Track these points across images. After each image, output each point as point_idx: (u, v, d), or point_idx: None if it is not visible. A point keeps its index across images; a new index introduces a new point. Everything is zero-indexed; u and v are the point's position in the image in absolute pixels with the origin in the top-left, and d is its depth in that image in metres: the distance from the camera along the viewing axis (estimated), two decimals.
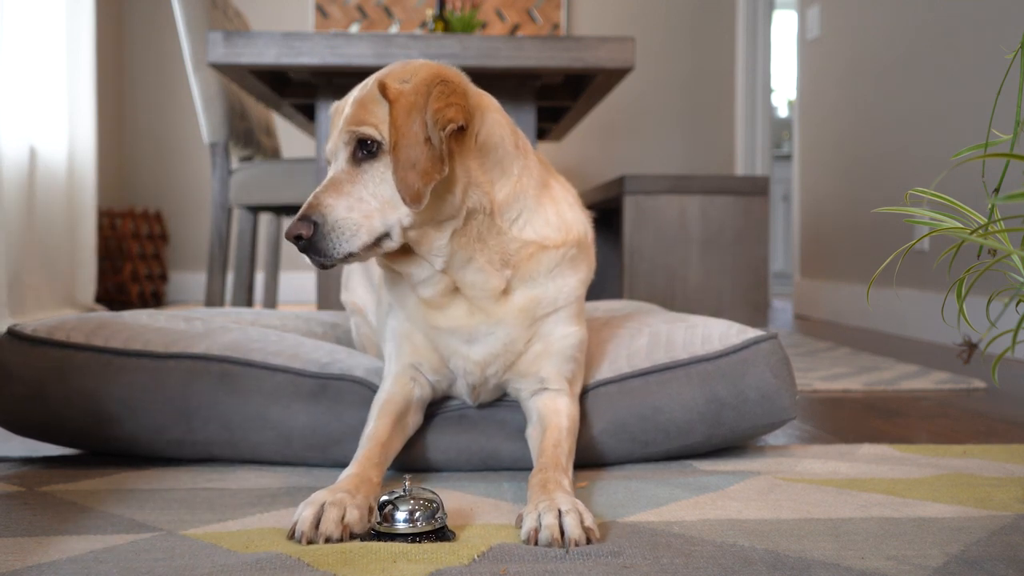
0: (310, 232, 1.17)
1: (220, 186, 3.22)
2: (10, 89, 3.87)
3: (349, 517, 1.06)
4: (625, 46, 2.45)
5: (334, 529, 1.04)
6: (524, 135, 1.38)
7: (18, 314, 3.78)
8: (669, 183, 3.70)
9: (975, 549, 1.03)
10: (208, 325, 1.59)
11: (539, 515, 1.05)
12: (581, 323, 1.38)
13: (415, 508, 1.06)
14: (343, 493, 1.09)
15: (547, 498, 1.09)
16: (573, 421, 1.33)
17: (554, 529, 1.02)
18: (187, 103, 5.69)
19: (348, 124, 1.21)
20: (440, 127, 1.17)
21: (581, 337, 1.38)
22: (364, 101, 1.22)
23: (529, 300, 1.31)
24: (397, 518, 1.05)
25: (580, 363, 1.40)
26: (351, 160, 1.21)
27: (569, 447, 1.28)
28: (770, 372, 1.47)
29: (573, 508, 1.05)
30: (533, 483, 1.16)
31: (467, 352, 1.32)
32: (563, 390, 1.35)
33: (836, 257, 4.62)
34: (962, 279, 1.14)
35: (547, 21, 5.97)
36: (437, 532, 1.06)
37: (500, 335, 1.31)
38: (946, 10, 3.56)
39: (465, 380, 1.35)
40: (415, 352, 1.35)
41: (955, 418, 1.98)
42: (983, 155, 1.09)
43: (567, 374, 1.36)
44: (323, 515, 1.05)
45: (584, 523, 1.04)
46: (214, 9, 3.30)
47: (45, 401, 1.42)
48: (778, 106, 8.34)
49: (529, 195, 1.31)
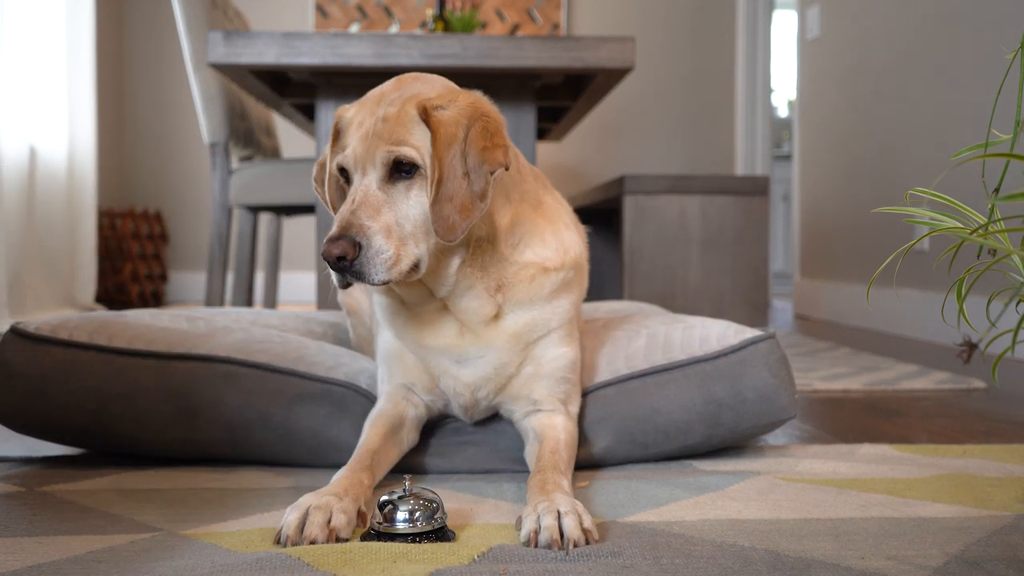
0: (356, 254, 1.13)
1: (220, 186, 3.23)
2: (10, 89, 3.87)
3: (335, 521, 1.05)
4: (625, 46, 2.45)
5: (319, 532, 1.03)
6: (519, 151, 1.37)
7: (18, 314, 3.78)
8: (669, 183, 3.70)
9: (975, 549, 1.03)
10: (211, 325, 1.59)
11: (538, 516, 1.04)
12: (573, 343, 1.36)
13: (415, 508, 1.05)
14: (330, 496, 1.08)
15: (546, 499, 1.08)
16: (571, 435, 1.31)
17: (554, 531, 1.02)
18: (187, 103, 5.70)
19: (386, 142, 1.17)
20: (489, 169, 1.17)
21: (573, 357, 1.36)
22: (401, 120, 1.18)
23: (523, 324, 1.30)
24: (397, 518, 1.05)
25: (574, 383, 1.37)
26: (386, 179, 1.18)
27: (568, 456, 1.27)
28: (768, 372, 1.47)
29: (572, 509, 1.05)
30: (532, 484, 1.16)
31: (456, 373, 1.30)
32: (558, 410, 1.33)
33: (836, 257, 4.62)
34: (962, 279, 1.14)
35: (547, 21, 5.97)
36: (437, 532, 1.06)
37: (491, 359, 1.29)
38: (946, 10, 3.56)
39: (456, 401, 1.34)
40: (406, 373, 1.34)
41: (955, 418, 1.98)
42: (983, 155, 1.09)
43: (560, 395, 1.34)
44: (308, 519, 1.04)
45: (583, 524, 1.04)
46: (214, 9, 3.30)
47: (47, 400, 1.42)
48: (778, 106, 8.34)
49: (527, 217, 1.30)
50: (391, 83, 1.25)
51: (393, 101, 1.20)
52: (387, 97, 1.21)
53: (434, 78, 1.27)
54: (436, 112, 1.18)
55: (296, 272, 5.76)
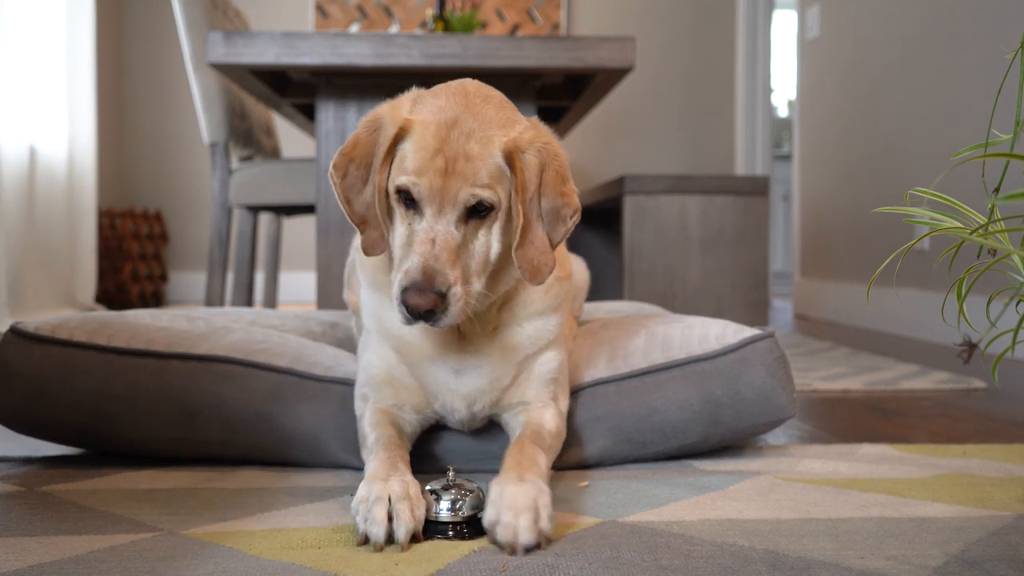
0: (443, 306, 1.11)
1: (220, 186, 3.23)
2: (10, 89, 3.87)
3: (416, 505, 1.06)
4: (625, 46, 2.45)
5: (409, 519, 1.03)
6: None
7: (18, 314, 3.78)
8: (669, 183, 3.70)
9: (975, 549, 1.03)
10: (211, 325, 1.59)
11: (500, 511, 1.03)
12: (561, 347, 1.38)
13: (458, 497, 1.08)
14: (388, 482, 1.07)
15: (515, 476, 1.08)
16: (557, 427, 1.31)
17: (511, 530, 1.02)
18: (187, 103, 5.70)
19: (470, 183, 1.14)
20: (570, 214, 1.20)
21: (561, 359, 1.37)
22: (485, 159, 1.15)
23: (524, 339, 1.31)
24: (441, 507, 1.07)
25: (562, 383, 1.38)
26: (461, 220, 1.15)
27: (551, 442, 1.27)
28: (766, 371, 1.47)
29: (531, 506, 1.04)
30: (509, 453, 1.16)
31: (455, 385, 1.29)
32: (547, 406, 1.34)
33: (836, 257, 4.62)
34: (962, 279, 1.14)
35: (547, 21, 5.97)
36: (479, 522, 1.07)
37: (486, 370, 1.29)
38: (946, 10, 3.56)
39: (453, 416, 1.33)
40: (396, 395, 1.32)
41: (955, 418, 1.98)
42: (983, 155, 1.09)
43: (549, 394, 1.35)
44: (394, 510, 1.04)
45: (539, 524, 1.03)
46: (214, 9, 3.31)
47: (47, 400, 1.42)
48: (778, 106, 8.34)
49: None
50: (459, 103, 1.18)
51: (473, 134, 1.15)
52: (463, 126, 1.15)
53: (497, 97, 1.23)
54: (520, 157, 1.16)
55: (296, 272, 5.76)
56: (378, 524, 1.02)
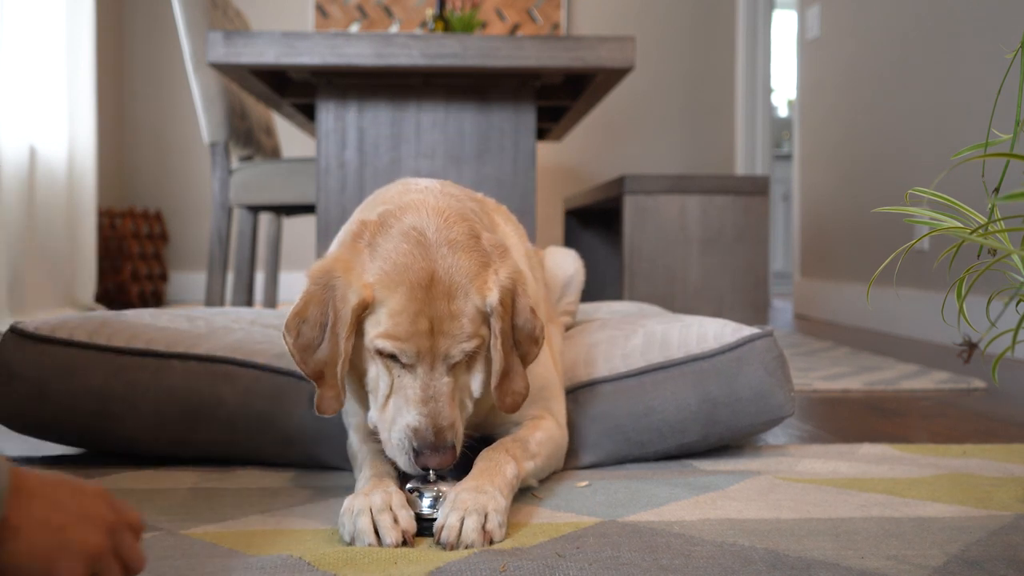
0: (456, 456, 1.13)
1: (220, 186, 3.23)
2: (10, 89, 3.87)
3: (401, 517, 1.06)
4: (625, 46, 2.45)
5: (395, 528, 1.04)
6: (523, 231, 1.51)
7: (18, 314, 3.78)
8: (669, 183, 3.70)
9: (975, 549, 1.03)
10: (211, 325, 1.59)
11: (447, 513, 1.05)
12: (547, 363, 1.37)
13: (438, 495, 1.10)
14: (369, 496, 1.08)
15: (472, 485, 1.09)
16: (549, 434, 1.30)
17: (453, 532, 1.03)
18: (187, 103, 5.69)
19: (458, 340, 1.13)
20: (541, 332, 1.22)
21: (548, 376, 1.36)
22: (468, 313, 1.13)
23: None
24: (423, 504, 1.09)
25: (555, 394, 1.38)
26: (452, 369, 1.14)
27: (536, 449, 1.26)
28: (764, 370, 1.47)
29: (480, 510, 1.05)
30: (480, 458, 1.17)
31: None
32: (544, 416, 1.33)
33: (836, 257, 4.62)
34: (962, 279, 1.14)
35: (547, 21, 5.97)
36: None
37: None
38: (946, 10, 3.56)
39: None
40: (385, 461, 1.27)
41: (955, 418, 1.98)
42: (983, 155, 1.09)
43: (542, 407, 1.34)
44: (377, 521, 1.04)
45: (486, 525, 1.04)
46: (214, 9, 3.30)
47: (47, 399, 1.42)
48: (778, 106, 8.33)
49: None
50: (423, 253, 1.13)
51: (452, 292, 1.12)
52: (440, 285, 1.12)
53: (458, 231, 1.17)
54: (498, 307, 1.16)
55: (296, 272, 5.76)
56: (365, 535, 1.03)
